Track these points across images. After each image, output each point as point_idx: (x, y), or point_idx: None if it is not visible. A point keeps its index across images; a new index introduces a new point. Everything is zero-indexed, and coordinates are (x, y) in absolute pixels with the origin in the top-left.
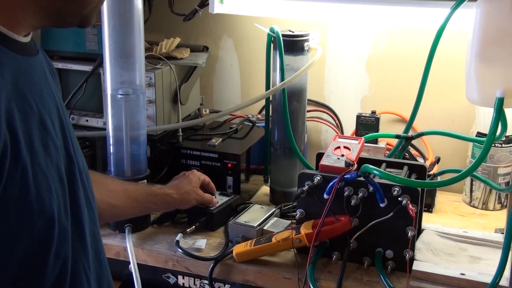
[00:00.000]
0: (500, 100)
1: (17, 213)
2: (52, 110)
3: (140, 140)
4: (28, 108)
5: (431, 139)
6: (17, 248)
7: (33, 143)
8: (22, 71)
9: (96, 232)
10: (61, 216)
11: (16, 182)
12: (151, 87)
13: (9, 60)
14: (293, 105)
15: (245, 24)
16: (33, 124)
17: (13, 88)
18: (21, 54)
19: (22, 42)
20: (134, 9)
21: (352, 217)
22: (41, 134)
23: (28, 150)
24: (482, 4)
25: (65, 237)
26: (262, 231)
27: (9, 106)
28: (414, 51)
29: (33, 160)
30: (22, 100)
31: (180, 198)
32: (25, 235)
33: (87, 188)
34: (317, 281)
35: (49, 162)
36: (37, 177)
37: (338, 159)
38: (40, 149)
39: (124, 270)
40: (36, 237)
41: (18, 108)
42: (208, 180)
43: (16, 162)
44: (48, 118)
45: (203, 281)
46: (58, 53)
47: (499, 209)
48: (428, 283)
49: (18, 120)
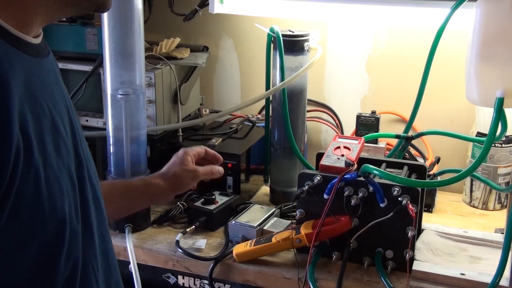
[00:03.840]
0: (500, 100)
1: (30, 215)
2: (63, 112)
3: (140, 140)
4: (40, 110)
5: (431, 139)
6: (30, 250)
7: (45, 145)
8: (34, 73)
9: (104, 233)
10: (72, 218)
11: (29, 184)
12: (151, 87)
13: (21, 62)
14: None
15: (245, 24)
16: (45, 126)
17: (25, 90)
18: (33, 56)
19: (34, 44)
20: (134, 9)
21: (352, 217)
22: (53, 136)
23: (41, 152)
24: (482, 4)
25: (76, 239)
26: (262, 231)
27: (21, 108)
28: (414, 51)
29: (45, 162)
30: (34, 102)
31: (170, 183)
32: (37, 237)
33: (96, 188)
34: (317, 281)
35: (61, 164)
36: (49, 179)
37: (338, 159)
38: (52, 151)
39: (124, 270)
40: (48, 239)
41: (30, 110)
42: (204, 151)
43: (29, 164)
44: (59, 119)
45: (203, 281)
46: (58, 53)
47: (499, 209)
48: (428, 283)
49: (30, 122)
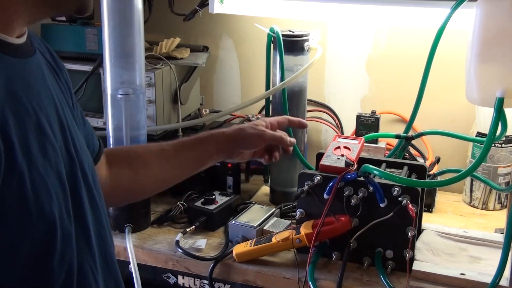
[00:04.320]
0: (500, 100)
1: (16, 219)
2: (51, 112)
3: (140, 140)
4: (23, 113)
5: (431, 139)
6: (19, 253)
7: (29, 148)
8: (18, 74)
9: (102, 233)
10: (63, 220)
11: (13, 188)
12: (151, 87)
13: (2, 64)
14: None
15: (245, 24)
16: (30, 128)
17: (7, 93)
18: (16, 57)
19: (17, 44)
20: (134, 9)
21: (352, 217)
22: (39, 138)
23: (25, 155)
24: (482, 4)
25: (69, 240)
26: (262, 231)
27: (2, 112)
28: (414, 51)
29: (30, 166)
30: (16, 104)
31: (233, 135)
32: (26, 240)
33: (92, 188)
34: (317, 281)
35: (48, 166)
36: (35, 182)
37: (338, 159)
38: (38, 154)
39: (124, 270)
40: (38, 241)
41: (12, 114)
42: (287, 120)
43: (12, 169)
44: (46, 120)
45: (203, 281)
46: (58, 53)
47: (499, 209)
48: (428, 283)
49: (12, 126)
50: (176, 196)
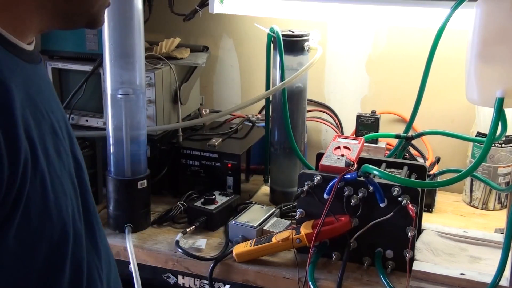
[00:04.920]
0: (500, 100)
1: (39, 220)
2: (59, 116)
3: (140, 140)
4: (40, 116)
5: (431, 139)
6: (39, 253)
7: (47, 150)
8: (31, 79)
9: (102, 234)
10: (75, 220)
11: (37, 189)
12: (151, 87)
13: (20, 68)
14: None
15: (245, 24)
16: (46, 131)
17: (26, 96)
18: (28, 62)
19: (28, 51)
20: (134, 9)
21: (352, 217)
22: (54, 140)
23: (45, 157)
24: (482, 4)
25: (80, 241)
26: (262, 231)
27: (24, 114)
28: (414, 51)
29: (49, 167)
30: (34, 108)
31: None
32: (45, 240)
33: (89, 188)
34: (317, 281)
35: (62, 168)
36: (54, 183)
37: (338, 159)
38: (54, 155)
39: (124, 270)
40: (55, 241)
41: (32, 116)
42: None
43: (36, 170)
44: (57, 124)
45: (203, 281)
46: (58, 53)
47: (499, 209)
48: (428, 283)
49: (33, 128)
50: (176, 196)
